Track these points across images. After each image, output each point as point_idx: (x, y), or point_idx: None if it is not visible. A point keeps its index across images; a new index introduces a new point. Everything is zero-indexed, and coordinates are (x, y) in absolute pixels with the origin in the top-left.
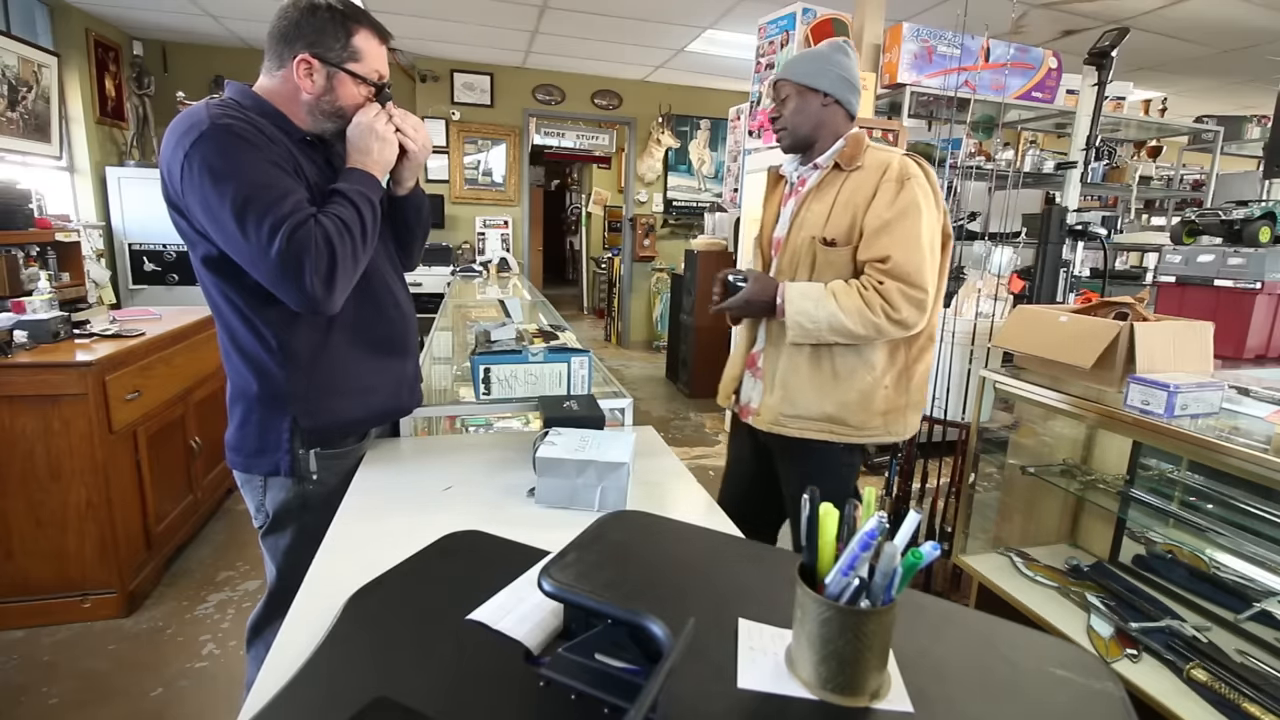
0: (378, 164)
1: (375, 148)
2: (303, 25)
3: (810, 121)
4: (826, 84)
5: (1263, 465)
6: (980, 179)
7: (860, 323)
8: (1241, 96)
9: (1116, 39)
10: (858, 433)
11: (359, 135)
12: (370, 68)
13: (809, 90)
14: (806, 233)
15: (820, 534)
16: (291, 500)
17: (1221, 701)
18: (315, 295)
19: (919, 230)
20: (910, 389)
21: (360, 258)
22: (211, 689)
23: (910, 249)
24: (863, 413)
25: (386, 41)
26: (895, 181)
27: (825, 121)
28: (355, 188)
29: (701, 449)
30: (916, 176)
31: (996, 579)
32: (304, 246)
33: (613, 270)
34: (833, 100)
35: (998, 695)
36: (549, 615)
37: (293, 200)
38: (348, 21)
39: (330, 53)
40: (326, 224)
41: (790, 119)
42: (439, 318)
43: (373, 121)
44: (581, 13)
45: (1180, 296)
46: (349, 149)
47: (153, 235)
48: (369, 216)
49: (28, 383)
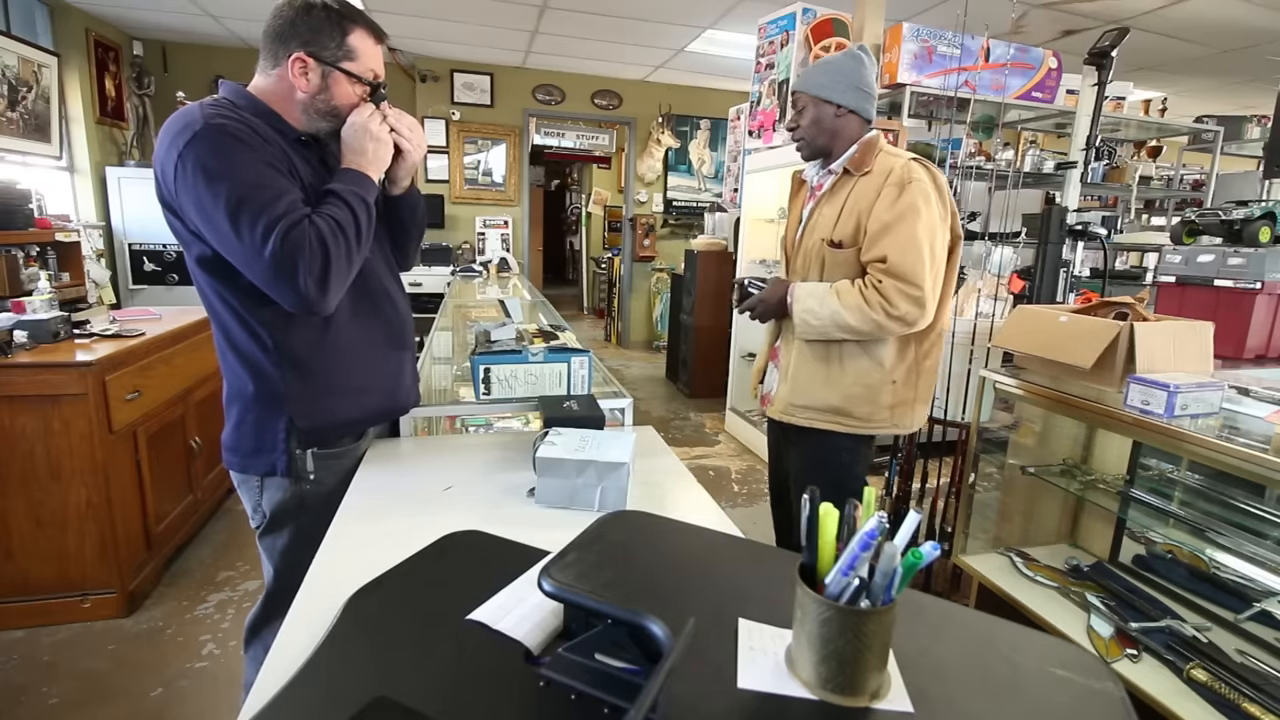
0: (373, 164)
1: (370, 148)
2: (298, 24)
3: (826, 132)
4: (839, 95)
5: (1263, 465)
6: (980, 179)
7: (860, 319)
8: (1241, 96)
9: (1116, 39)
10: (864, 424)
11: (354, 136)
12: (365, 67)
13: (823, 102)
14: (817, 235)
15: (820, 534)
16: (289, 500)
17: (1221, 701)
18: (309, 296)
19: (915, 231)
20: (919, 384)
21: (354, 258)
22: (211, 689)
23: (906, 249)
24: (868, 405)
25: (382, 41)
26: (896, 185)
27: (840, 131)
28: (350, 188)
29: (701, 449)
30: (918, 180)
31: (996, 579)
32: (298, 247)
33: (613, 270)
34: (846, 110)
35: (998, 695)
36: (549, 615)
37: (287, 201)
38: (343, 21)
39: (325, 51)
40: (320, 224)
41: (807, 129)
42: (439, 318)
43: (367, 122)
44: (581, 13)
45: (1180, 296)
46: (344, 149)
47: (153, 235)
48: (363, 217)
49: (28, 383)
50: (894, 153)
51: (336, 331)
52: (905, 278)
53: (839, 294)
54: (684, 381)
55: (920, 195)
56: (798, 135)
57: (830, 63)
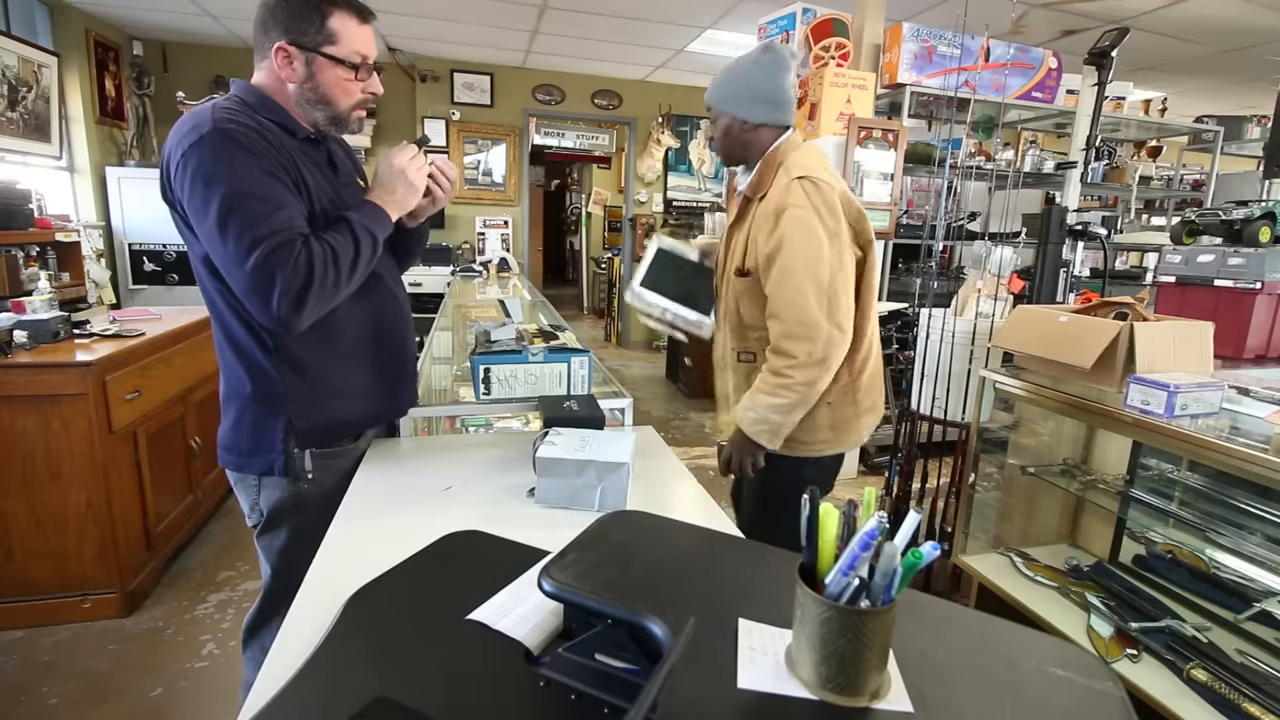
0: (396, 205)
1: (401, 191)
2: (277, 12)
3: (737, 144)
4: (744, 110)
5: (1263, 465)
6: (980, 179)
7: (783, 394)
8: (1241, 96)
9: (1116, 39)
10: (807, 447)
11: (390, 177)
12: (350, 49)
13: (730, 115)
14: (733, 264)
15: (820, 534)
16: (286, 500)
17: (1221, 701)
18: (280, 316)
19: (792, 267)
20: (859, 398)
21: (342, 287)
22: (211, 689)
23: (783, 291)
24: (807, 431)
25: (368, 20)
26: (772, 216)
27: (751, 143)
28: (364, 221)
29: (701, 449)
30: (793, 206)
31: (996, 579)
32: (280, 265)
33: (613, 270)
34: (754, 125)
35: (998, 695)
36: (549, 615)
37: (282, 216)
38: (321, 4)
39: (306, 38)
40: (315, 249)
41: (719, 141)
42: (439, 318)
43: (406, 165)
44: (581, 13)
45: (1180, 296)
46: (374, 182)
47: (153, 235)
48: (366, 252)
49: (28, 383)
50: (789, 167)
51: (336, 332)
52: (790, 330)
53: (756, 391)
54: (684, 381)
55: (795, 223)
56: (714, 146)
57: (733, 71)
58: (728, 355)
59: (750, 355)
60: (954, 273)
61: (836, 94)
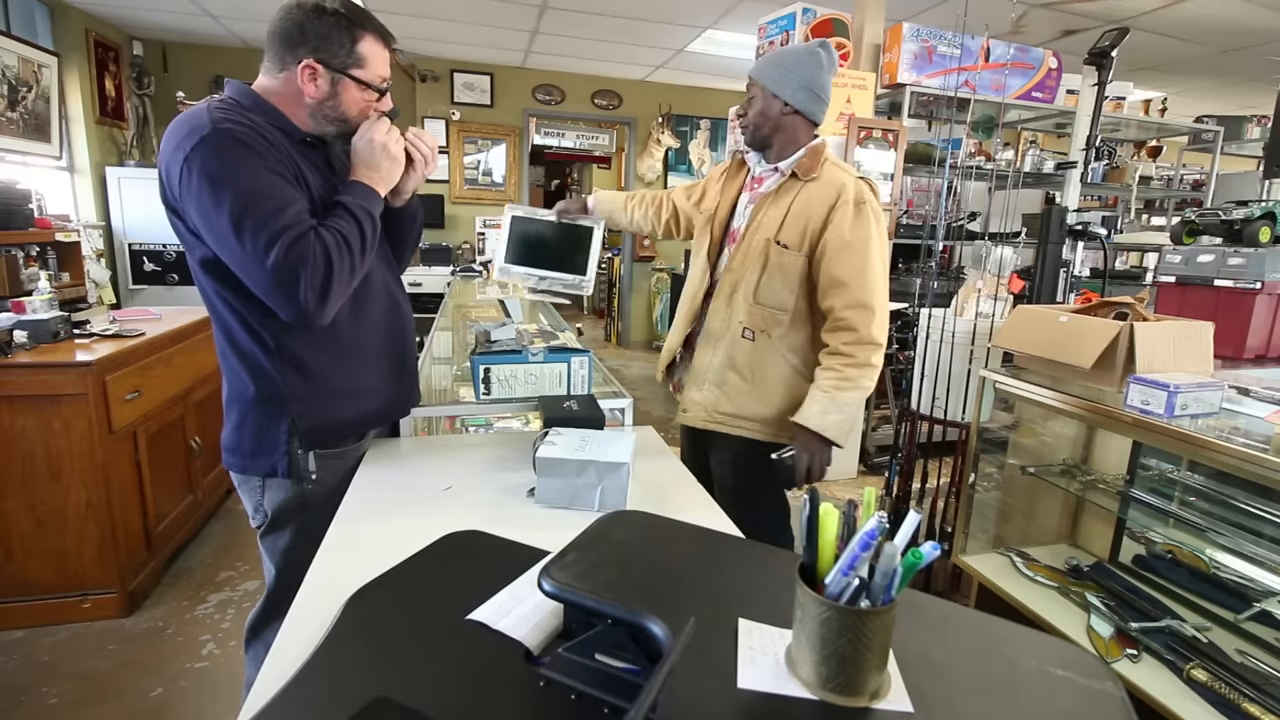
0: (383, 180)
1: (385, 165)
2: (307, 29)
3: (770, 125)
4: (788, 94)
5: (1263, 465)
6: (980, 179)
7: (865, 383)
8: (1241, 96)
9: (1116, 39)
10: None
11: (370, 152)
12: (374, 73)
13: (772, 95)
14: (763, 235)
15: (820, 534)
16: (290, 500)
17: (1221, 701)
18: (308, 309)
19: (871, 254)
20: None
21: (357, 271)
22: (211, 689)
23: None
24: None
25: (390, 45)
26: (853, 205)
27: (784, 128)
28: (358, 202)
29: None
30: (871, 203)
31: (996, 579)
32: (301, 259)
33: (613, 270)
34: (793, 110)
35: (998, 695)
36: (549, 615)
37: (292, 211)
38: (353, 27)
39: (335, 59)
40: (326, 237)
41: (753, 119)
42: (439, 318)
43: (385, 139)
44: (581, 13)
45: (1180, 296)
46: (356, 162)
47: (153, 235)
48: (369, 231)
49: (28, 383)
50: (841, 166)
51: (338, 332)
52: (860, 299)
53: (835, 390)
54: None
55: (874, 217)
56: (745, 122)
57: (786, 56)
58: (732, 328)
59: (752, 334)
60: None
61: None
